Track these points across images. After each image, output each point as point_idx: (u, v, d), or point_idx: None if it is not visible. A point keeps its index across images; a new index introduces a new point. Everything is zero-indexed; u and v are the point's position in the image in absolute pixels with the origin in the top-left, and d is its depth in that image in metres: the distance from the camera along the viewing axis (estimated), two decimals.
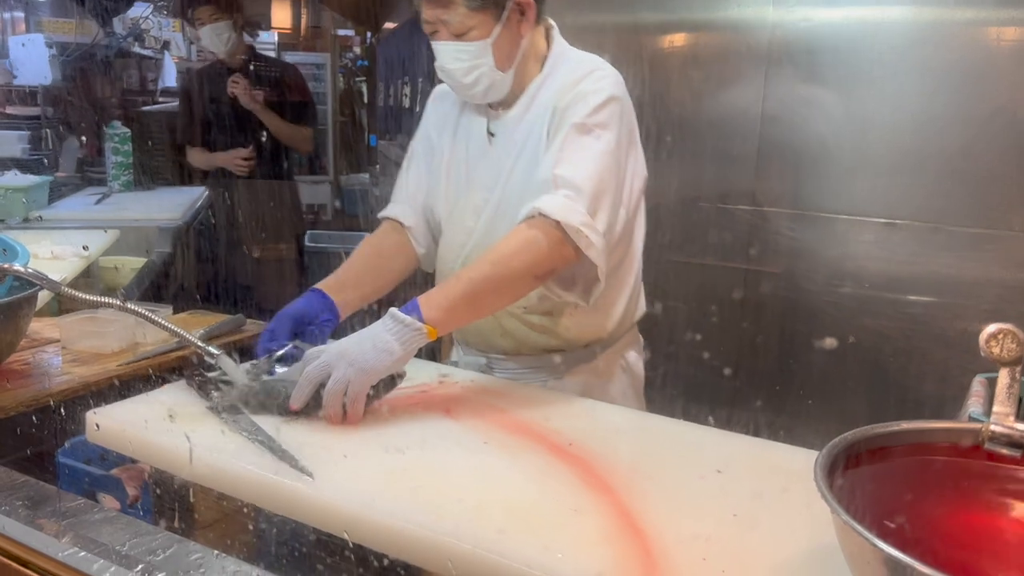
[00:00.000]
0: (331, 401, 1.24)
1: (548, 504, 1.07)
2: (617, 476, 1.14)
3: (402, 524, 1.00)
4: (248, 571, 0.98)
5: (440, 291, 1.36)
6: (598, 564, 0.93)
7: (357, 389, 1.24)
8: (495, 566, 0.94)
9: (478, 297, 1.37)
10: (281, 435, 1.20)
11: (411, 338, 1.28)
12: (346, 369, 1.24)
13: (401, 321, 1.28)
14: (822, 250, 2.37)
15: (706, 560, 0.95)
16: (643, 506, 1.06)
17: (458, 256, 1.60)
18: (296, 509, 1.10)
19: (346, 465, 1.15)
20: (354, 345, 1.27)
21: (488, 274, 1.36)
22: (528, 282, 1.40)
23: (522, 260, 1.37)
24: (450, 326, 1.36)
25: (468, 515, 1.03)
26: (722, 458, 1.22)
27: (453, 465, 1.18)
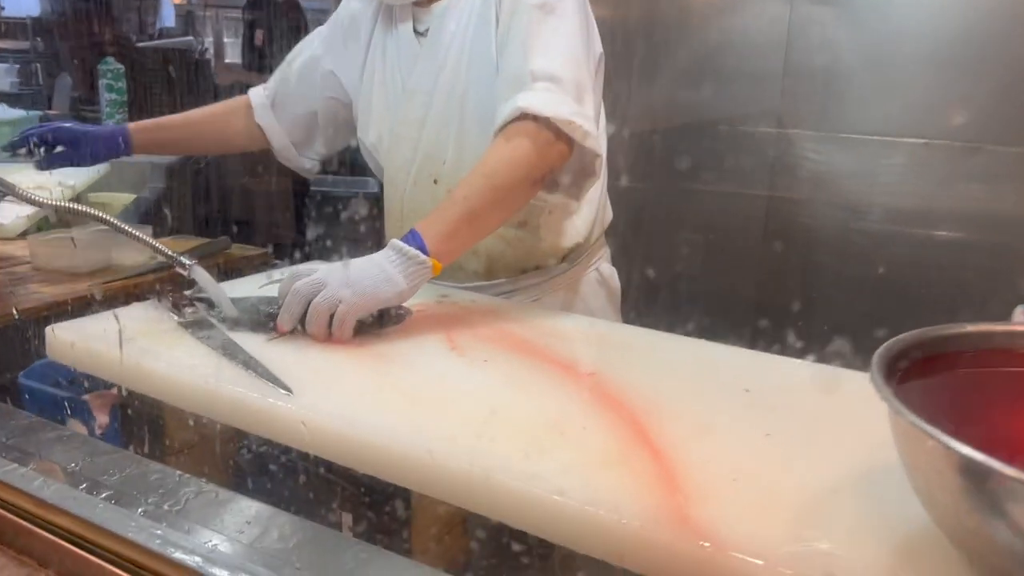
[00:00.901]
0: (315, 317, 1.11)
1: (557, 424, 0.95)
2: (632, 395, 1.01)
3: (391, 442, 0.88)
4: (212, 491, 0.86)
5: (438, 218, 1.22)
6: (615, 486, 0.81)
7: (348, 311, 1.11)
8: (500, 488, 0.82)
9: (478, 217, 1.23)
10: (263, 353, 1.08)
11: (416, 272, 1.15)
12: (340, 289, 1.11)
13: (405, 253, 1.15)
14: (850, 174, 2.21)
15: (737, 481, 0.83)
16: (662, 426, 0.93)
17: (407, 177, 1.48)
18: (272, 427, 0.98)
19: (332, 382, 1.03)
20: (354, 269, 1.15)
21: (484, 189, 1.23)
22: (526, 189, 1.27)
23: (517, 167, 1.24)
24: (453, 256, 1.23)
25: (468, 434, 0.91)
26: (748, 377, 1.10)
27: (451, 383, 1.05)
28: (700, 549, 0.72)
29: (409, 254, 1.15)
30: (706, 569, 0.71)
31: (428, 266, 1.16)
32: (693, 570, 0.72)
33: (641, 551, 0.74)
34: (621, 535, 0.75)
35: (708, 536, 0.73)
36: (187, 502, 0.84)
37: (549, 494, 0.79)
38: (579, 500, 0.78)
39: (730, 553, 0.70)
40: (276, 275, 1.35)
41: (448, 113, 1.41)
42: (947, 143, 2.05)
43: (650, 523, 0.75)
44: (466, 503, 0.84)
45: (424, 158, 1.45)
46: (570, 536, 0.79)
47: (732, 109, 2.36)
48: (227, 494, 0.87)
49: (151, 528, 0.76)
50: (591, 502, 0.78)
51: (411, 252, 1.15)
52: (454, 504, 0.84)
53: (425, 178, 1.45)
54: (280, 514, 0.83)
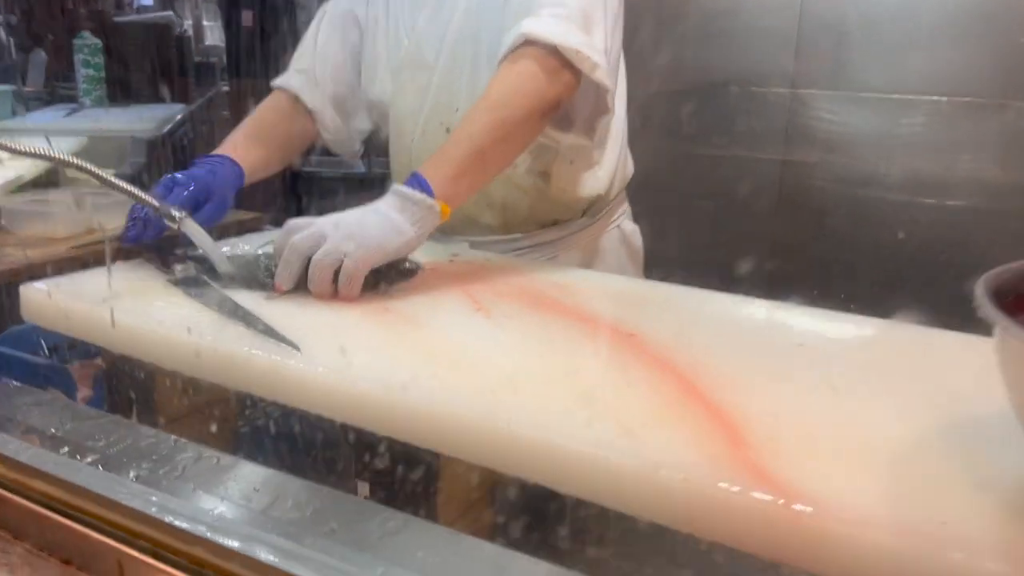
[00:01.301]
0: (318, 274, 1.01)
1: (598, 381, 0.85)
2: (674, 351, 0.92)
3: (420, 403, 0.78)
4: (213, 456, 0.76)
5: (442, 159, 1.11)
6: (673, 443, 0.72)
7: (355, 265, 1.00)
8: (546, 449, 0.72)
9: (485, 155, 1.13)
10: (263, 312, 0.97)
11: (423, 217, 1.05)
12: (343, 242, 1.01)
13: (409, 198, 1.05)
14: (867, 135, 2.12)
15: (812, 436, 0.73)
16: (713, 381, 0.84)
17: (415, 127, 1.37)
18: (281, 389, 0.87)
19: (345, 340, 0.93)
20: (356, 219, 1.04)
21: (489, 123, 1.12)
22: (534, 123, 1.17)
23: (523, 98, 1.14)
24: (461, 198, 1.13)
25: (503, 392, 0.81)
26: (798, 332, 1.01)
27: (477, 341, 0.95)
28: (786, 508, 0.62)
29: (414, 199, 1.05)
30: (798, 530, 0.62)
31: (436, 211, 1.06)
32: (780, 532, 0.62)
33: (712, 512, 0.65)
34: (687, 495, 0.66)
35: (791, 493, 0.63)
36: (185, 469, 0.74)
37: (602, 452, 0.69)
38: (635, 458, 0.68)
39: (826, 509, 0.61)
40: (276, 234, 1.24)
41: (459, 57, 1.31)
42: (971, 100, 1.96)
43: (721, 480, 0.65)
44: (507, 467, 0.74)
45: (434, 106, 1.34)
46: (629, 499, 0.69)
47: (743, 69, 2.25)
48: (230, 459, 0.76)
49: (146, 494, 0.65)
50: (649, 460, 0.68)
51: (416, 196, 1.05)
52: (496, 469, 0.74)
53: (435, 127, 1.35)
54: (293, 480, 0.72)
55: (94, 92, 3.88)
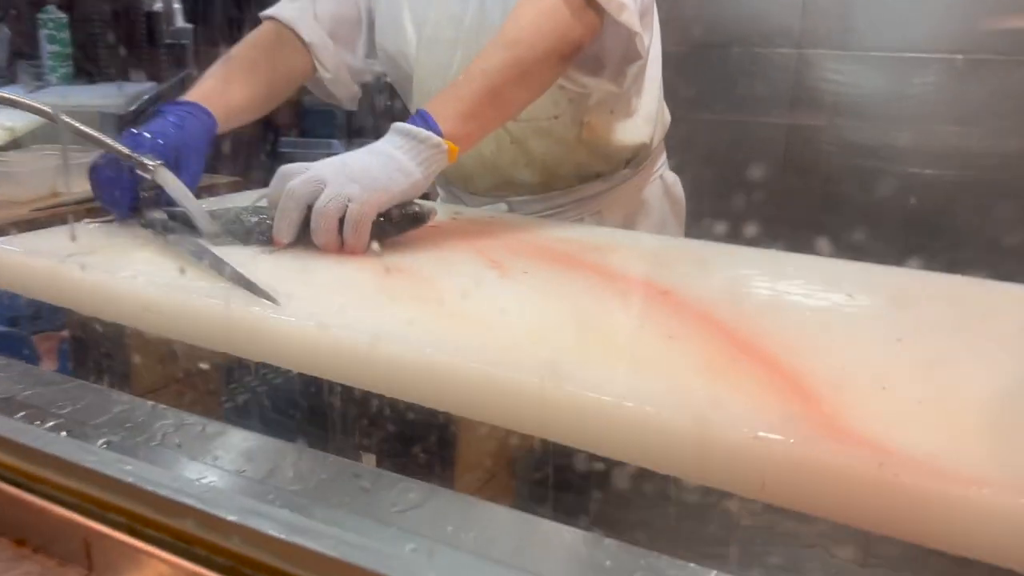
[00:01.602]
0: (322, 223, 0.90)
1: (635, 336, 0.76)
2: (714, 304, 0.82)
3: (437, 359, 0.67)
4: (197, 423, 0.65)
5: (451, 95, 1.01)
6: (732, 398, 0.62)
7: (362, 210, 0.90)
8: (588, 409, 0.62)
9: (499, 93, 1.02)
10: (256, 268, 0.86)
11: (429, 157, 0.95)
12: (346, 185, 0.90)
13: (414, 136, 0.95)
14: (877, 97, 2.03)
15: (893, 388, 0.64)
16: (764, 333, 0.74)
17: (442, 84, 1.20)
18: (266, 346, 0.76)
19: (347, 296, 0.82)
20: (356, 160, 0.94)
21: (506, 60, 1.02)
22: (554, 64, 1.07)
23: (544, 36, 1.04)
24: (471, 139, 1.02)
25: (531, 348, 0.71)
26: (849, 284, 0.91)
27: (495, 296, 0.85)
28: (887, 470, 0.53)
29: (419, 136, 0.95)
30: (904, 493, 0.52)
31: (443, 149, 0.96)
32: (882, 497, 0.53)
33: (793, 475, 0.55)
34: (760, 456, 0.56)
35: (885, 451, 0.54)
36: (165, 436, 0.64)
37: (653, 410, 0.59)
38: (693, 416, 0.59)
39: (934, 469, 0.52)
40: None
41: (490, 8, 1.19)
42: (988, 58, 1.88)
43: (800, 439, 0.56)
44: (541, 430, 0.64)
45: (464, 61, 1.21)
46: (688, 463, 0.59)
47: (746, 29, 2.15)
48: (218, 426, 0.66)
49: (118, 462, 0.54)
50: (710, 418, 0.58)
51: (422, 134, 0.95)
52: (526, 432, 0.64)
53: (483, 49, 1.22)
54: (292, 448, 0.62)
55: (60, 68, 3.74)
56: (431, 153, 0.95)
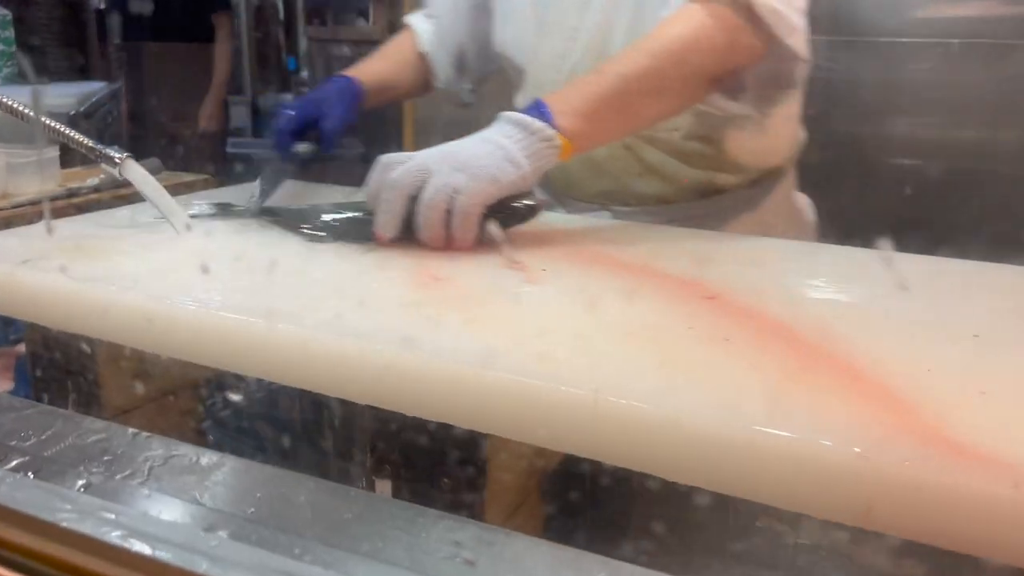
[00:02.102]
0: (430, 215, 0.82)
1: (686, 337, 0.67)
2: (766, 304, 0.74)
3: (462, 370, 0.58)
4: (189, 454, 0.55)
5: (575, 90, 0.92)
6: (815, 408, 0.54)
7: (470, 201, 0.82)
8: (642, 422, 0.53)
9: (630, 101, 0.93)
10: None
11: (540, 151, 0.86)
12: (452, 175, 0.82)
13: (526, 127, 0.86)
14: (868, 84, 1.97)
15: (986, 394, 0.56)
16: (832, 338, 0.67)
17: (558, 75, 1.14)
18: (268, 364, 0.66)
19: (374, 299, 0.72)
20: (462, 149, 0.85)
21: (647, 69, 0.92)
22: (702, 84, 0.97)
23: (695, 54, 0.94)
24: (588, 141, 0.92)
25: (571, 352, 0.62)
26: (907, 276, 0.83)
27: (518, 299, 0.76)
28: (1012, 487, 0.45)
29: (532, 127, 0.86)
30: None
31: (555, 144, 0.86)
32: (1005, 518, 0.45)
33: (905, 495, 0.47)
34: (865, 476, 0.48)
35: (1006, 466, 0.46)
36: (152, 471, 0.54)
37: (727, 428, 0.51)
38: (773, 430, 0.50)
39: None
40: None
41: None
42: (983, 42, 1.83)
43: (910, 454, 0.48)
44: (595, 451, 0.55)
45: (584, 51, 1.11)
46: (778, 486, 0.51)
47: None
48: (212, 457, 0.56)
49: (100, 511, 0.44)
50: (798, 433, 0.50)
51: (534, 125, 0.86)
52: (579, 454, 0.55)
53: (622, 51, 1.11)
54: (307, 479, 0.52)
55: (4, 68, 3.57)
56: (542, 147, 0.86)
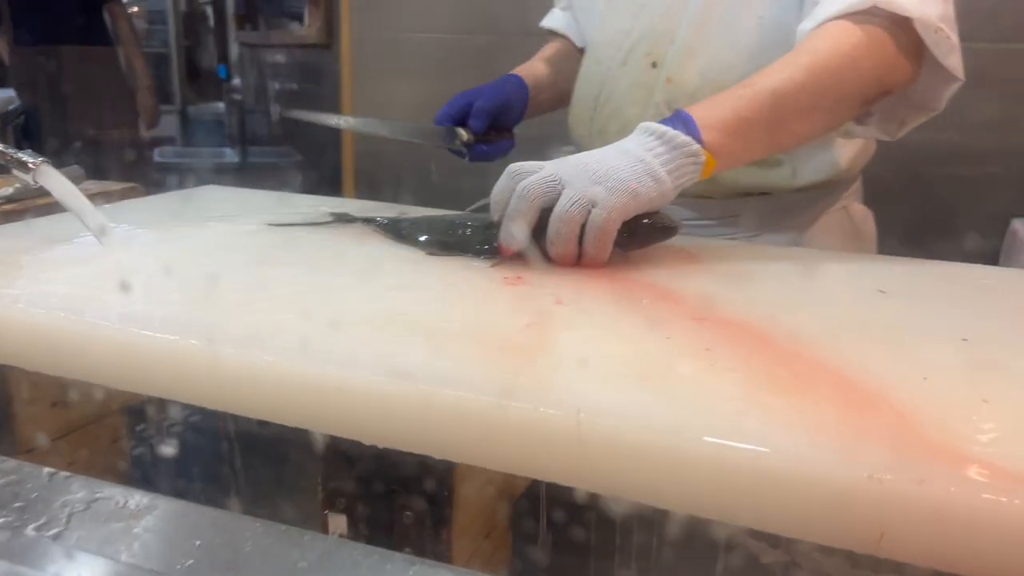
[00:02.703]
0: (563, 229, 0.76)
1: (664, 355, 0.62)
2: (745, 312, 0.70)
3: (444, 393, 0.52)
4: (116, 496, 0.48)
5: (724, 104, 0.83)
6: (810, 427, 0.49)
7: (609, 216, 0.76)
8: (636, 448, 0.48)
9: (783, 119, 0.85)
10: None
11: (682, 167, 0.79)
12: (589, 187, 0.76)
13: (669, 140, 0.78)
14: None
15: (989, 402, 0.52)
16: (820, 347, 0.63)
17: (616, 52, 1.07)
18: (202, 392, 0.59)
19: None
20: (600, 160, 0.78)
21: (803, 86, 0.84)
22: (855, 105, 0.90)
23: (854, 70, 0.86)
24: (735, 159, 0.84)
25: (552, 370, 0.56)
26: (881, 281, 0.80)
27: (500, 312, 0.70)
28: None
29: (676, 141, 0.78)
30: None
31: (700, 161, 0.79)
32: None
33: (921, 519, 0.43)
34: (876, 499, 0.43)
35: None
36: (71, 518, 0.46)
37: (728, 448, 0.46)
38: (772, 453, 0.46)
39: None
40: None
41: None
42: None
43: (924, 474, 0.43)
44: (579, 478, 0.50)
45: (646, 30, 1.05)
46: (779, 512, 0.46)
47: None
48: (143, 498, 0.49)
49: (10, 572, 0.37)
50: (798, 454, 0.45)
51: (678, 138, 0.78)
52: (563, 482, 0.50)
53: (640, 57, 1.05)
54: (253, 522, 0.46)
55: None
56: (685, 163, 0.78)
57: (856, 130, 1.00)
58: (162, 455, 0.79)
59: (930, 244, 1.87)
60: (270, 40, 3.63)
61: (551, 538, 0.69)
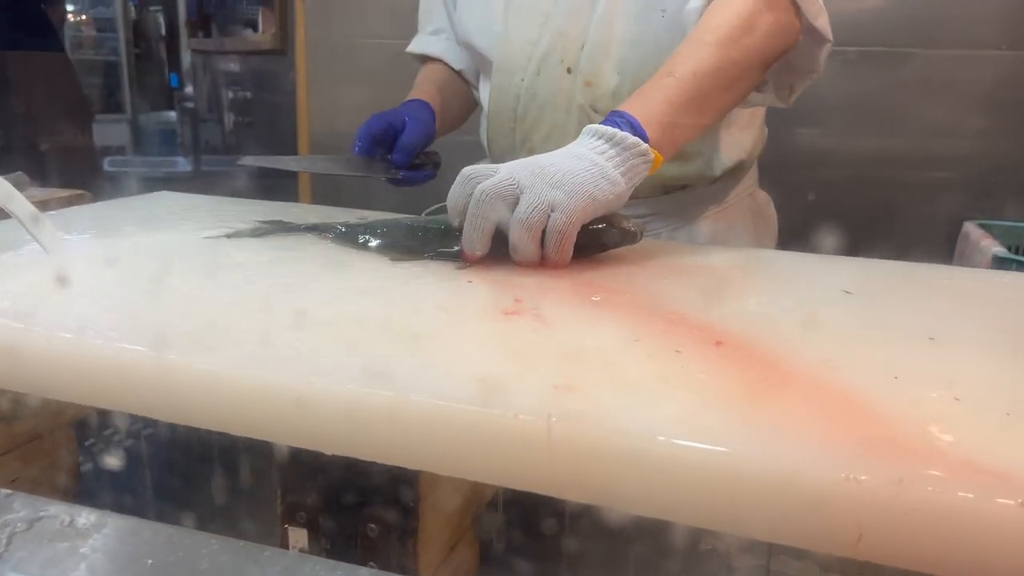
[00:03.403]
0: (524, 234, 0.76)
1: (614, 350, 0.61)
2: (707, 315, 0.69)
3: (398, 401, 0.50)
4: (61, 515, 0.46)
5: (655, 96, 0.86)
6: (805, 441, 0.48)
7: (568, 220, 0.76)
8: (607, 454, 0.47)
9: (709, 98, 0.89)
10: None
11: (635, 167, 0.81)
12: (547, 191, 0.76)
13: (620, 142, 0.80)
14: None
15: (961, 401, 0.52)
16: (787, 351, 0.62)
17: (528, 63, 1.08)
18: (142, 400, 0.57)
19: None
20: (555, 164, 0.79)
21: (720, 62, 0.88)
22: (760, 69, 0.95)
23: (757, 39, 0.91)
24: (673, 148, 0.87)
25: (514, 376, 0.55)
26: (845, 281, 0.80)
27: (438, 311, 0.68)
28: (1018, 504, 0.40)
29: (626, 142, 0.80)
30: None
31: (649, 159, 0.81)
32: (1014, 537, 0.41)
33: (899, 519, 0.42)
34: (854, 501, 0.43)
35: (1006, 478, 0.42)
36: (12, 538, 0.44)
37: (701, 452, 0.45)
38: (750, 457, 0.45)
39: None
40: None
41: None
42: (880, 50, 1.86)
43: (901, 473, 0.43)
44: (552, 486, 0.48)
45: (555, 37, 1.06)
46: (754, 515, 0.45)
47: None
48: (91, 516, 0.46)
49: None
50: (774, 457, 0.45)
51: (628, 140, 0.80)
52: (537, 489, 0.48)
53: (554, 65, 1.07)
54: (209, 538, 0.44)
55: None
56: (637, 162, 0.80)
57: (756, 98, 1.04)
58: (113, 470, 0.75)
59: (885, 246, 1.90)
60: (224, 47, 3.57)
61: (520, 547, 0.67)
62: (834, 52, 1.68)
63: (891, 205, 1.94)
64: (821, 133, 1.96)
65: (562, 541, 0.67)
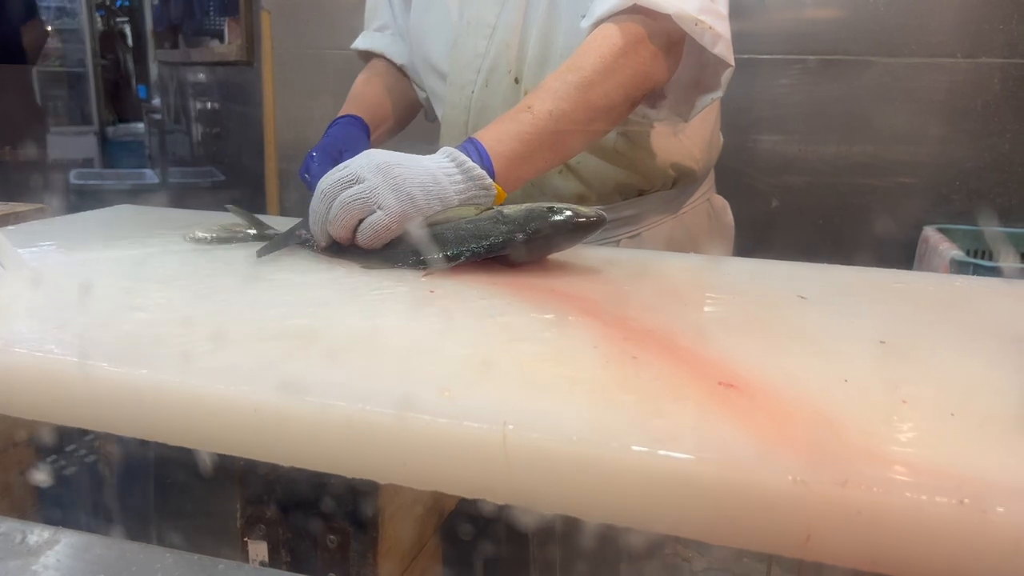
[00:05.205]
0: (341, 214, 0.82)
1: (556, 359, 0.62)
2: (644, 317, 0.70)
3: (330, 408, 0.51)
4: (15, 531, 0.46)
5: (512, 132, 0.88)
6: (730, 439, 0.49)
7: (390, 223, 0.82)
8: (556, 459, 0.47)
9: (563, 140, 0.91)
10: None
11: (473, 196, 0.84)
12: (381, 191, 0.81)
13: (468, 172, 0.84)
14: (728, 102, 2.01)
15: (908, 403, 0.53)
16: (734, 356, 0.63)
17: (476, 76, 1.11)
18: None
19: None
20: (400, 169, 0.82)
21: (577, 104, 0.90)
22: (625, 108, 0.96)
23: (622, 79, 0.92)
24: (520, 182, 0.91)
25: (449, 384, 0.55)
26: (801, 286, 0.81)
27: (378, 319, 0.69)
28: (959, 503, 0.41)
29: (472, 173, 0.83)
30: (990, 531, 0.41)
31: (491, 195, 0.85)
32: (959, 536, 0.42)
33: (847, 521, 0.43)
34: (802, 502, 0.43)
35: (951, 477, 0.43)
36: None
37: (652, 457, 0.46)
38: (696, 462, 0.45)
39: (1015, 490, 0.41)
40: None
41: None
42: (838, 58, 1.89)
43: (847, 475, 0.44)
44: (507, 494, 0.48)
45: (501, 49, 1.08)
46: (704, 520, 0.46)
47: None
48: (44, 532, 0.46)
49: None
50: (720, 462, 0.45)
51: (476, 171, 0.83)
52: (489, 498, 0.49)
53: (501, 76, 1.09)
54: (163, 552, 0.43)
55: None
56: (478, 193, 0.84)
57: (650, 114, 1.06)
58: (73, 486, 0.75)
59: (847, 251, 1.94)
60: (190, 58, 3.55)
61: (483, 555, 0.67)
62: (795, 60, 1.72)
63: (852, 211, 1.98)
64: (783, 140, 1.99)
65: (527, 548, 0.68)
